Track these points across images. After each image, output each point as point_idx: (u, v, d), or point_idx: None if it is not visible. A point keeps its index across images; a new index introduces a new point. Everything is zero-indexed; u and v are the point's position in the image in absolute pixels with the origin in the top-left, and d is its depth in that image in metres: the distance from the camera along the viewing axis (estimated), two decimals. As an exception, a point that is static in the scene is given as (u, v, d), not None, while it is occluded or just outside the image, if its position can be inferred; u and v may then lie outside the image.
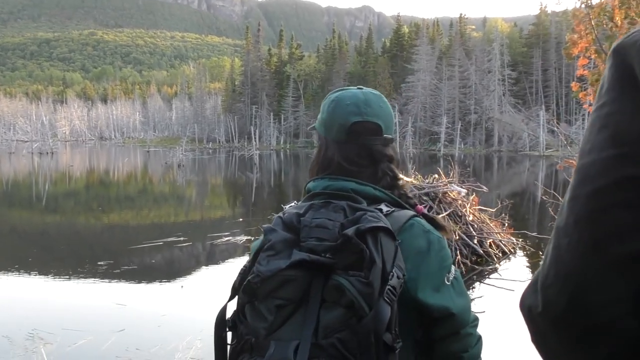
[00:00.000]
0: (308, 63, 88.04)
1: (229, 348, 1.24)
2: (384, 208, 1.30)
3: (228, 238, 12.09)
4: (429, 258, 1.27)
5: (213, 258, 11.24)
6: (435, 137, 66.39)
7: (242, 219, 15.91)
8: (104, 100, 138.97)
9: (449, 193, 10.02)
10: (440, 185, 10.05)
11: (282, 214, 1.30)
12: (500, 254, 9.77)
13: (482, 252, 9.47)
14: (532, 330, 0.80)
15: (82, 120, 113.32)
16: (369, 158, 1.39)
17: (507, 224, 10.81)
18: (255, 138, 59.38)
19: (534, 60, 69.65)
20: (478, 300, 7.65)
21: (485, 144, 64.08)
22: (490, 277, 8.80)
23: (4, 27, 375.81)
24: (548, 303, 0.74)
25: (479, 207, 10.68)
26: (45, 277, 9.22)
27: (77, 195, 25.06)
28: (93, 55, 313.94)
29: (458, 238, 9.36)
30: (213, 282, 8.86)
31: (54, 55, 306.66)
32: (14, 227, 15.86)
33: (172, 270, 10.23)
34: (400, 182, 1.43)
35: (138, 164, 48.57)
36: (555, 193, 9.17)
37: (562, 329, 0.74)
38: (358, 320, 1.11)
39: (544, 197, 11.02)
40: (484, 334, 1.39)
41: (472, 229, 9.68)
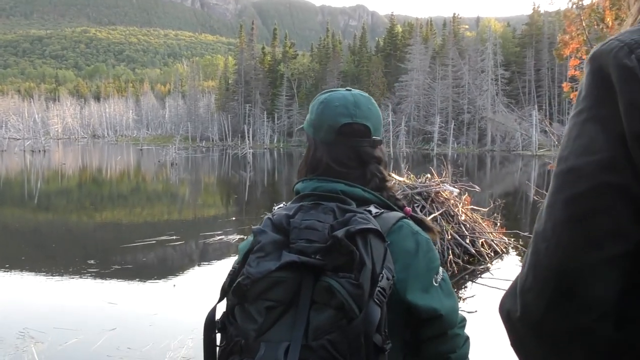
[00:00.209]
0: (302, 62, 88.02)
1: (218, 349, 1.24)
2: (373, 210, 1.30)
3: (221, 237, 12.08)
4: (418, 259, 1.27)
5: (206, 257, 11.21)
6: (429, 136, 66.49)
7: (235, 218, 15.89)
8: (97, 98, 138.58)
9: (442, 193, 10.04)
10: (433, 185, 10.06)
11: (271, 216, 1.30)
12: (493, 254, 9.80)
13: (474, 251, 9.49)
14: (511, 335, 0.79)
15: (74, 118, 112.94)
16: (358, 160, 1.39)
17: (499, 224, 10.84)
18: (249, 137, 59.24)
19: (527, 60, 69.92)
20: (470, 300, 7.68)
21: (478, 144, 64.25)
22: (482, 276, 8.82)
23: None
24: (527, 307, 0.74)
25: (472, 206, 10.70)
26: (37, 275, 9.17)
27: (69, 194, 24.95)
28: (86, 53, 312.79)
29: (450, 237, 9.38)
30: (205, 281, 8.84)
31: (47, 53, 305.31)
32: (6, 225, 15.77)
33: (164, 269, 10.20)
34: (389, 183, 1.43)
35: (131, 162, 48.40)
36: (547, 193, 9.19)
37: (540, 334, 0.74)
38: (348, 322, 1.11)
39: (536, 197, 11.07)
40: (476, 334, 1.41)
41: (464, 229, 9.70)
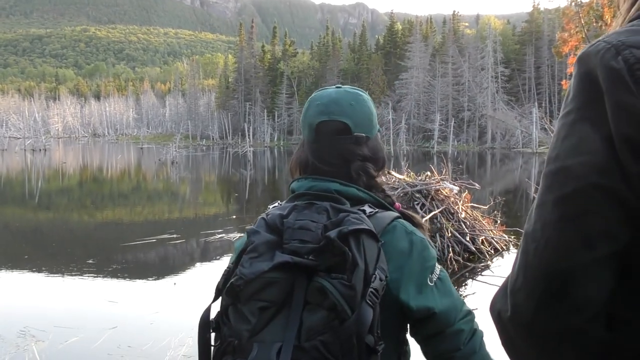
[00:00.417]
0: (301, 60, 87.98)
1: (213, 349, 1.23)
2: (367, 209, 1.29)
3: (221, 235, 12.09)
4: (411, 259, 1.27)
5: (206, 255, 11.22)
6: (429, 134, 66.44)
7: (235, 216, 15.90)
8: (97, 97, 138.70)
9: (442, 190, 10.05)
10: (433, 183, 10.07)
11: (265, 215, 1.30)
12: (493, 251, 9.80)
13: (474, 249, 9.50)
14: (501, 335, 0.80)
15: (75, 117, 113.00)
16: (340, 158, 1.37)
17: (499, 221, 10.85)
18: (249, 135, 59.25)
19: (527, 58, 69.88)
20: (470, 297, 7.68)
21: (479, 141, 64.19)
22: (483, 274, 8.82)
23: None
24: (517, 308, 0.74)
25: (472, 204, 10.70)
26: (38, 274, 9.18)
27: (69, 193, 24.95)
28: (86, 52, 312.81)
29: (450, 235, 9.39)
30: (206, 279, 8.83)
31: (47, 52, 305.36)
32: (7, 224, 15.79)
33: (164, 268, 10.21)
34: (379, 180, 1.41)
35: (131, 161, 48.40)
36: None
37: (530, 335, 0.74)
38: (340, 323, 1.10)
39: (536, 194, 11.07)
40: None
41: (464, 226, 9.70)
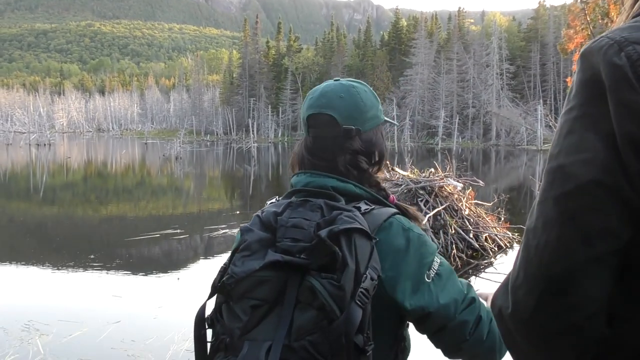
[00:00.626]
0: (306, 56, 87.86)
1: (209, 345, 1.23)
2: (363, 206, 1.26)
3: (225, 230, 12.11)
4: (408, 257, 1.24)
5: (210, 250, 11.24)
6: (433, 130, 66.34)
7: (239, 212, 15.92)
8: (102, 92, 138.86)
9: (446, 187, 10.04)
10: (437, 179, 10.06)
11: (260, 213, 1.29)
12: (496, 248, 9.80)
13: (477, 246, 9.50)
14: (502, 331, 0.80)
15: (79, 112, 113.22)
16: (328, 151, 1.34)
17: (503, 218, 10.84)
18: (253, 131, 59.33)
19: (532, 55, 69.64)
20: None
21: (483, 138, 64.09)
22: (486, 271, 8.83)
23: (1, 18, 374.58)
24: (517, 305, 0.74)
25: (476, 201, 10.70)
26: (42, 268, 9.23)
27: (74, 187, 25.03)
28: (90, 47, 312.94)
29: (454, 232, 9.39)
30: (209, 274, 8.79)
31: (52, 47, 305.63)
32: (11, 218, 15.85)
33: (168, 263, 10.25)
34: (371, 173, 1.37)
35: (136, 156, 48.48)
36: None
37: (530, 331, 0.74)
38: (329, 323, 1.09)
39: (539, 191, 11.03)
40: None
41: (468, 223, 9.70)
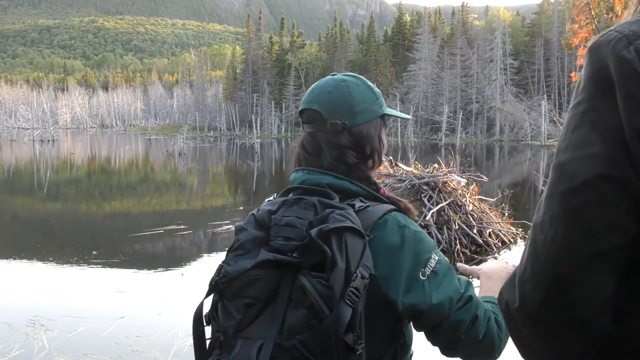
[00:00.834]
0: (309, 51, 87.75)
1: (208, 343, 1.25)
2: (357, 204, 1.25)
3: (229, 226, 12.11)
4: (402, 254, 1.22)
5: (213, 246, 11.25)
6: (437, 126, 66.24)
7: (242, 207, 15.92)
8: (105, 88, 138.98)
9: (449, 183, 10.03)
10: (440, 175, 10.05)
11: (256, 211, 1.29)
12: (500, 244, 9.79)
13: (481, 241, 9.49)
14: (509, 325, 0.80)
15: (83, 108, 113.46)
16: (316, 146, 1.35)
17: (507, 214, 10.82)
18: (257, 126, 59.25)
19: (536, 50, 69.43)
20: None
21: (487, 134, 63.95)
22: (490, 266, 8.81)
23: (4, 14, 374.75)
24: (524, 299, 0.74)
25: (479, 196, 10.68)
26: (46, 264, 9.25)
27: (78, 183, 25.08)
28: (94, 43, 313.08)
29: (458, 228, 9.39)
30: (213, 270, 8.83)
31: (55, 43, 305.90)
32: (16, 214, 15.90)
33: (172, 258, 10.27)
34: (360, 168, 1.34)
35: (139, 152, 48.57)
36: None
37: (537, 325, 0.74)
38: (319, 322, 1.09)
39: (544, 187, 11.01)
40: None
41: (471, 219, 9.69)
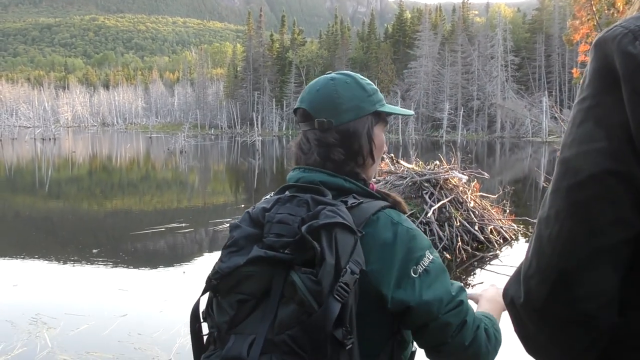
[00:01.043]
0: (310, 49, 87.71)
1: (205, 339, 1.27)
2: (350, 200, 1.26)
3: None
4: (394, 250, 1.22)
5: (215, 244, 11.25)
6: (438, 123, 66.22)
7: (244, 205, 15.91)
8: (106, 86, 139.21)
9: (450, 179, 10.01)
10: (442, 172, 10.03)
11: (251, 209, 1.31)
12: (502, 241, 9.78)
13: (483, 238, 9.49)
14: (514, 320, 0.80)
15: (84, 106, 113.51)
16: (308, 144, 1.37)
17: (508, 211, 10.81)
18: (258, 124, 59.20)
19: (537, 46, 69.40)
20: (479, 287, 7.68)
21: (488, 130, 63.93)
22: (491, 263, 8.82)
23: (5, 12, 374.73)
24: (529, 294, 0.74)
25: (481, 193, 10.68)
26: (48, 262, 9.27)
27: (79, 181, 25.09)
28: (95, 41, 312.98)
29: (459, 224, 9.38)
30: (215, 267, 8.87)
31: (56, 41, 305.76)
32: (17, 212, 15.91)
33: (174, 256, 10.28)
34: (348, 164, 1.35)
35: (140, 150, 48.57)
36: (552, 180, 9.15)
37: (542, 320, 0.74)
38: (308, 317, 1.11)
39: (546, 183, 11.02)
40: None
41: (473, 216, 9.69)
